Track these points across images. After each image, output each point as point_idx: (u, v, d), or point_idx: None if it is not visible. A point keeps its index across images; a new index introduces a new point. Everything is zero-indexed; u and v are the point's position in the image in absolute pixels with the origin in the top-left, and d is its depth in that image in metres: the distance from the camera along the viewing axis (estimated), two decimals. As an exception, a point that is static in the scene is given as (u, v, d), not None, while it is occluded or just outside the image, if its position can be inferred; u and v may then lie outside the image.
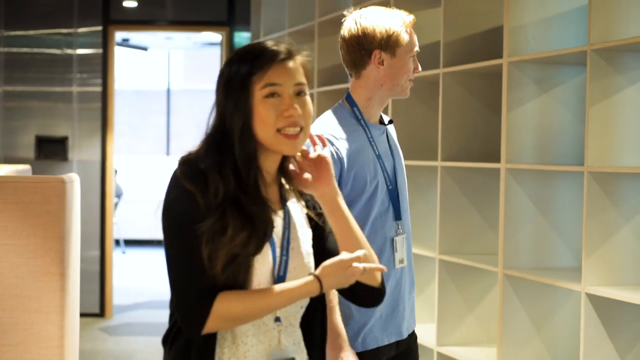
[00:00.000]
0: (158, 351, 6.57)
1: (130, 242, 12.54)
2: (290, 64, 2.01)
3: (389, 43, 2.79)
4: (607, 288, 3.39)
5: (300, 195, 2.15)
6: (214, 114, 2.02)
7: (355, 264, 1.97)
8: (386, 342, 2.80)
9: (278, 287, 1.96)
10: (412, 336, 2.94)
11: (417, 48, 2.85)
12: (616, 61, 3.46)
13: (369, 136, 2.81)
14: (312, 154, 2.09)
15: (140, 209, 12.61)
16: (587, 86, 3.46)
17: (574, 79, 3.95)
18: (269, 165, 2.05)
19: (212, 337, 1.97)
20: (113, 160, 7.85)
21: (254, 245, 1.95)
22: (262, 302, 1.95)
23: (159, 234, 11.47)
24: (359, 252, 2.01)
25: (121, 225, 12.12)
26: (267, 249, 1.99)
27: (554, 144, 3.95)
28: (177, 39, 11.22)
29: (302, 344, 2.12)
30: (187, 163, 1.98)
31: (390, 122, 2.92)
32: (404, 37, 2.80)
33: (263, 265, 1.99)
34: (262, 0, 7.16)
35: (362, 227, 2.70)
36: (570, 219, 3.94)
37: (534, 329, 3.91)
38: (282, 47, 2.01)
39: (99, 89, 7.73)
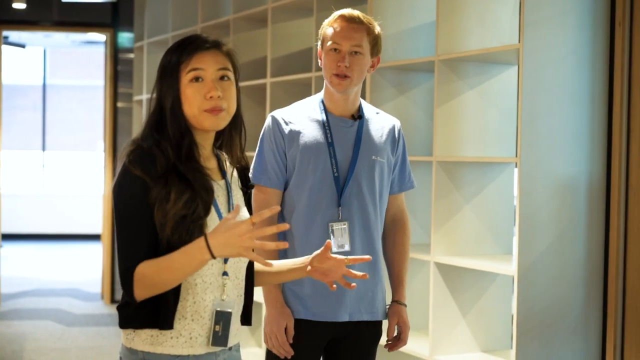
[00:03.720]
0: (48, 332, 6.78)
1: (5, 237, 12.43)
2: (215, 52, 2.14)
3: (321, 38, 2.85)
4: (452, 257, 3.77)
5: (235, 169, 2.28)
6: (154, 99, 2.16)
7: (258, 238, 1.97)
8: (319, 319, 2.78)
9: (180, 250, 2.00)
10: (364, 325, 2.88)
11: (334, 42, 2.77)
12: (458, 69, 3.82)
13: (326, 125, 2.83)
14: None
15: (16, 203, 12.41)
16: (435, 90, 3.80)
17: (425, 83, 4.28)
18: (202, 140, 2.17)
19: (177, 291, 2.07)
20: (1, 156, 7.84)
21: (202, 208, 2.07)
22: (165, 262, 1.99)
23: (35, 229, 11.52)
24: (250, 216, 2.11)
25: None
26: (214, 212, 2.11)
27: (408, 137, 4.17)
28: (55, 37, 11.22)
29: (243, 296, 2.22)
30: (134, 151, 2.10)
31: (359, 117, 2.89)
32: (326, 32, 2.82)
33: (213, 227, 2.05)
34: (145, 4, 7.19)
35: (294, 205, 2.84)
36: (422, 201, 4.26)
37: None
38: (209, 38, 2.16)
39: (-14, 86, 7.64)
